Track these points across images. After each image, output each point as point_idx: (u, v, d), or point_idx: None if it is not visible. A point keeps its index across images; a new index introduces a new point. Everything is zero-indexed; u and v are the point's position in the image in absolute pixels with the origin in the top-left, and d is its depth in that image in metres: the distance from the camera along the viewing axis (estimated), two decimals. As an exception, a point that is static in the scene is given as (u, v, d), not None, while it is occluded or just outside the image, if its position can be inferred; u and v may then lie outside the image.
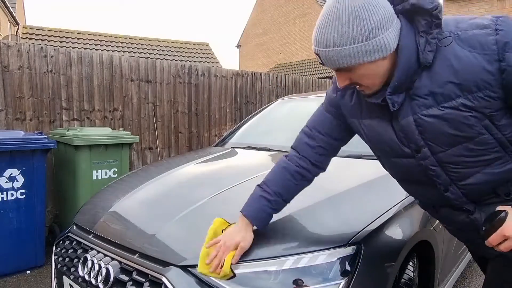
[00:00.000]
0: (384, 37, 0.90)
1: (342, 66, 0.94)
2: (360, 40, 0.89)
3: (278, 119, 2.88)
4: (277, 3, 22.44)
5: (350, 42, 0.89)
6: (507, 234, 0.94)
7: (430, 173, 1.06)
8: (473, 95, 0.92)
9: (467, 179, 1.04)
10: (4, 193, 2.75)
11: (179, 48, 14.19)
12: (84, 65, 3.90)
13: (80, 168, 3.14)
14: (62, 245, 1.69)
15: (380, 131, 1.10)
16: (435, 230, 1.69)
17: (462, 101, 0.93)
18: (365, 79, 0.97)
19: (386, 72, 0.96)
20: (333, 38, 0.90)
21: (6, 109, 3.44)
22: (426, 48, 0.93)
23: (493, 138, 0.97)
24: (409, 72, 0.95)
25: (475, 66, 0.90)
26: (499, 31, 0.89)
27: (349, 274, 1.19)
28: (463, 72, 0.91)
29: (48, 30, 12.22)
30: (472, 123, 0.95)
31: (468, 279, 2.80)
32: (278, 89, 5.80)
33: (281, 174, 1.30)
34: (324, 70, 16.12)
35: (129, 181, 2.04)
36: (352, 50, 0.90)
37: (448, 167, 1.04)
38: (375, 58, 0.91)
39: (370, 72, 0.95)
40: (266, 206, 1.25)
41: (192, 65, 4.86)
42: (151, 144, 4.48)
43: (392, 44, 0.92)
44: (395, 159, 1.12)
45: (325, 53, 0.94)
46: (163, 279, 1.18)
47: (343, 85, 1.01)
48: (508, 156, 1.00)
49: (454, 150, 1.00)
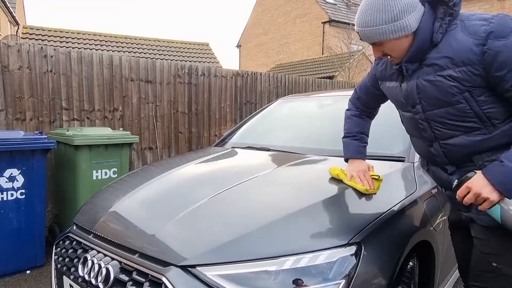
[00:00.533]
0: (406, 20, 1.20)
1: (375, 41, 1.27)
2: (387, 22, 1.21)
3: (278, 119, 2.88)
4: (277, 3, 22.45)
5: (380, 23, 1.22)
6: (469, 186, 1.18)
7: (419, 126, 1.37)
8: (459, 69, 1.19)
9: (448, 139, 1.31)
10: (4, 193, 2.75)
11: (179, 48, 14.19)
12: (84, 65, 3.90)
13: (80, 168, 3.14)
14: (62, 245, 1.69)
15: (394, 90, 1.44)
16: (435, 230, 1.69)
17: (450, 72, 1.21)
18: (393, 52, 1.29)
19: (408, 47, 1.26)
20: (368, 20, 1.24)
21: (6, 109, 3.44)
22: (438, 30, 1.22)
23: (470, 108, 1.23)
24: (422, 48, 1.25)
25: (466, 47, 1.17)
26: (490, 23, 1.15)
27: (349, 274, 1.19)
28: (457, 50, 1.19)
29: (48, 30, 12.22)
30: (454, 92, 1.22)
31: (468, 279, 2.79)
32: (278, 89, 5.80)
33: (352, 120, 1.76)
34: (324, 70, 16.12)
35: (129, 181, 2.04)
36: (381, 30, 1.23)
37: (432, 124, 1.33)
38: (398, 36, 1.22)
39: (396, 46, 1.27)
40: (358, 144, 1.71)
41: (192, 65, 4.86)
42: (151, 144, 4.48)
43: (413, 25, 1.21)
44: (403, 112, 1.46)
45: (363, 32, 1.27)
46: (163, 279, 1.18)
47: (377, 56, 1.34)
48: (486, 130, 1.23)
49: (437, 111, 1.29)
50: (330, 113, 2.62)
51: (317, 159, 1.99)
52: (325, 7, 19.93)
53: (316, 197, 1.47)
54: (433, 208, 1.73)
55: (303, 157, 2.03)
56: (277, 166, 1.92)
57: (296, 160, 1.98)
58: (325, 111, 2.69)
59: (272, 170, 1.84)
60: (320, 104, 2.82)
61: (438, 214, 1.76)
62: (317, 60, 17.86)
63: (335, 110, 2.62)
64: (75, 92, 3.84)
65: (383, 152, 1.96)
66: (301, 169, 1.89)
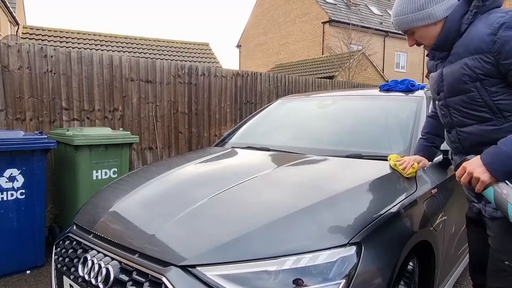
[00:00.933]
0: (432, 9, 1.33)
1: (405, 29, 1.41)
2: (414, 11, 1.36)
3: (278, 119, 2.88)
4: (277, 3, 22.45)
5: (407, 12, 1.37)
6: (465, 166, 1.27)
7: (441, 112, 1.49)
8: (472, 56, 1.28)
9: (464, 127, 1.41)
10: (4, 193, 2.75)
11: (179, 48, 14.19)
12: (84, 65, 3.90)
13: (80, 168, 3.14)
14: (62, 245, 1.69)
15: (432, 80, 1.54)
16: (435, 230, 1.69)
17: (465, 60, 1.30)
18: (423, 39, 1.42)
19: (438, 35, 1.37)
20: (398, 10, 1.40)
21: (6, 109, 3.44)
22: (465, 21, 1.32)
23: (481, 98, 1.30)
24: (448, 37, 1.36)
25: (480, 36, 1.26)
26: (507, 15, 1.23)
27: (349, 274, 1.19)
28: (473, 39, 1.29)
29: (48, 30, 12.22)
30: (466, 80, 1.31)
31: (468, 279, 2.79)
32: (278, 89, 5.80)
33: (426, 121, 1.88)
34: (324, 70, 16.13)
35: (129, 181, 2.04)
36: (408, 18, 1.37)
37: (451, 110, 1.43)
38: (425, 23, 1.36)
39: (426, 34, 1.39)
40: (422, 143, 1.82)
41: (192, 65, 4.86)
42: (151, 144, 4.48)
43: (438, 14, 1.34)
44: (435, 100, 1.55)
45: (395, 21, 1.42)
46: (163, 279, 1.18)
47: (411, 44, 1.47)
48: (497, 121, 1.30)
49: (455, 98, 1.39)
50: (330, 113, 2.62)
51: (317, 159, 1.99)
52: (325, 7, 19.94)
53: (316, 197, 1.47)
54: (433, 208, 1.73)
55: (303, 157, 2.02)
56: (277, 166, 1.92)
57: (296, 160, 1.97)
58: (325, 111, 2.69)
59: (272, 170, 1.84)
60: (320, 104, 2.83)
61: (438, 214, 1.77)
62: (317, 60, 17.87)
63: (335, 110, 2.63)
64: (75, 92, 3.84)
65: (383, 152, 1.95)
66: (301, 169, 1.89)
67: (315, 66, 17.08)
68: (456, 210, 1.97)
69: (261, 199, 1.53)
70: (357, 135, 2.25)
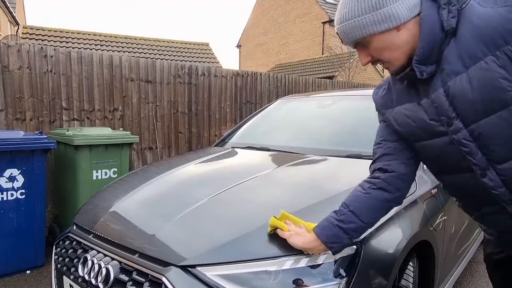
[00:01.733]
0: (393, 7, 0.93)
1: (355, 38, 0.99)
2: (368, 11, 0.95)
3: (278, 119, 2.88)
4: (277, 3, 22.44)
5: (359, 14, 0.96)
6: None
7: (464, 150, 0.97)
8: (501, 50, 0.87)
9: (506, 162, 0.93)
10: (4, 193, 2.75)
11: (179, 48, 14.19)
12: (84, 65, 3.90)
13: (80, 168, 3.14)
14: (62, 245, 1.69)
15: (410, 114, 1.06)
16: (435, 230, 1.69)
17: (490, 59, 0.88)
18: (384, 52, 0.99)
19: (405, 45, 0.97)
20: (345, 13, 0.99)
21: (6, 109, 3.44)
22: (448, 16, 0.93)
23: None
24: (434, 41, 0.95)
25: (498, 19, 0.87)
26: None
27: (349, 274, 1.19)
28: (487, 28, 0.88)
29: (48, 30, 12.22)
30: (504, 86, 0.87)
31: (468, 279, 2.80)
32: (278, 89, 5.79)
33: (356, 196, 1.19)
34: (324, 70, 16.13)
35: (129, 181, 2.04)
36: (361, 22, 0.96)
37: (483, 142, 0.94)
38: (385, 28, 0.95)
39: (386, 45, 0.98)
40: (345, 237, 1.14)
41: (192, 65, 4.86)
42: (151, 144, 4.48)
43: (402, 14, 0.94)
44: (429, 141, 1.05)
45: (340, 29, 1.01)
46: (163, 279, 1.18)
47: (365, 61, 1.04)
48: None
49: (487, 120, 0.91)
50: (330, 113, 2.62)
51: (317, 159, 1.99)
52: (325, 7, 19.93)
53: (316, 197, 1.47)
54: (433, 208, 1.73)
55: (303, 157, 2.02)
56: (277, 166, 1.92)
57: (296, 160, 1.97)
58: (325, 111, 2.69)
59: (272, 170, 1.84)
60: (320, 104, 2.82)
61: (438, 214, 1.76)
62: (317, 60, 17.87)
63: (335, 110, 2.63)
64: (75, 92, 3.84)
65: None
66: (301, 169, 1.89)
67: (315, 66, 17.08)
68: (456, 210, 1.97)
69: (261, 199, 1.53)
70: (357, 135, 2.25)
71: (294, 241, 1.18)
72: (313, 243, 1.15)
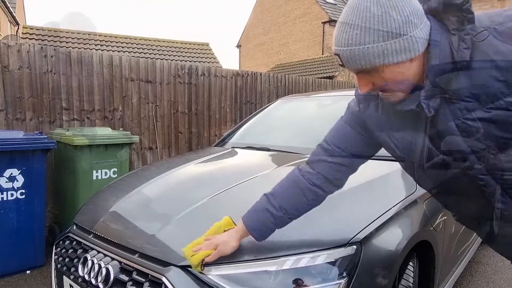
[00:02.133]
0: (413, 35, 0.82)
1: (365, 67, 0.85)
2: (386, 38, 0.81)
3: (278, 119, 2.88)
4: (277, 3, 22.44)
5: (375, 40, 0.81)
6: None
7: (478, 182, 0.94)
8: None
9: None
10: (4, 193, 2.75)
11: (179, 48, 14.19)
12: (84, 65, 3.90)
13: (80, 168, 3.14)
14: (62, 245, 1.69)
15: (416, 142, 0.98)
16: (435, 230, 1.69)
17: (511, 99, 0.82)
18: (390, 84, 0.88)
19: (414, 76, 0.87)
20: (355, 35, 0.82)
21: (6, 109, 3.44)
22: (460, 45, 0.83)
23: None
24: (443, 73, 0.85)
25: None
26: None
27: (349, 274, 1.19)
28: (509, 68, 0.81)
29: (48, 30, 12.22)
30: None
31: (468, 279, 2.80)
32: (278, 89, 5.79)
33: (292, 189, 1.20)
34: (324, 70, 16.12)
35: (129, 181, 2.04)
36: (376, 49, 0.82)
37: (499, 175, 0.91)
38: (402, 60, 0.83)
39: (395, 76, 0.86)
40: (270, 221, 1.18)
41: (192, 65, 4.86)
42: (151, 144, 4.48)
43: (421, 43, 0.84)
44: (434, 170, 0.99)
45: (346, 53, 0.85)
46: (163, 279, 1.18)
47: (365, 90, 0.91)
48: None
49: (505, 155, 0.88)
50: (330, 113, 2.62)
51: (317, 159, 1.99)
52: (325, 7, 19.93)
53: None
54: (433, 208, 1.73)
55: (303, 157, 2.02)
56: (277, 166, 1.92)
57: (296, 160, 1.97)
58: (325, 111, 2.69)
59: (272, 170, 1.84)
60: (320, 104, 2.82)
61: (438, 214, 1.76)
62: (317, 60, 17.86)
63: (335, 110, 2.62)
64: (75, 92, 3.84)
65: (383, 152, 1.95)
66: (301, 169, 1.89)
67: (315, 66, 17.07)
68: (456, 210, 1.97)
69: (261, 199, 1.52)
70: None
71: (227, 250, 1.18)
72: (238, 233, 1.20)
